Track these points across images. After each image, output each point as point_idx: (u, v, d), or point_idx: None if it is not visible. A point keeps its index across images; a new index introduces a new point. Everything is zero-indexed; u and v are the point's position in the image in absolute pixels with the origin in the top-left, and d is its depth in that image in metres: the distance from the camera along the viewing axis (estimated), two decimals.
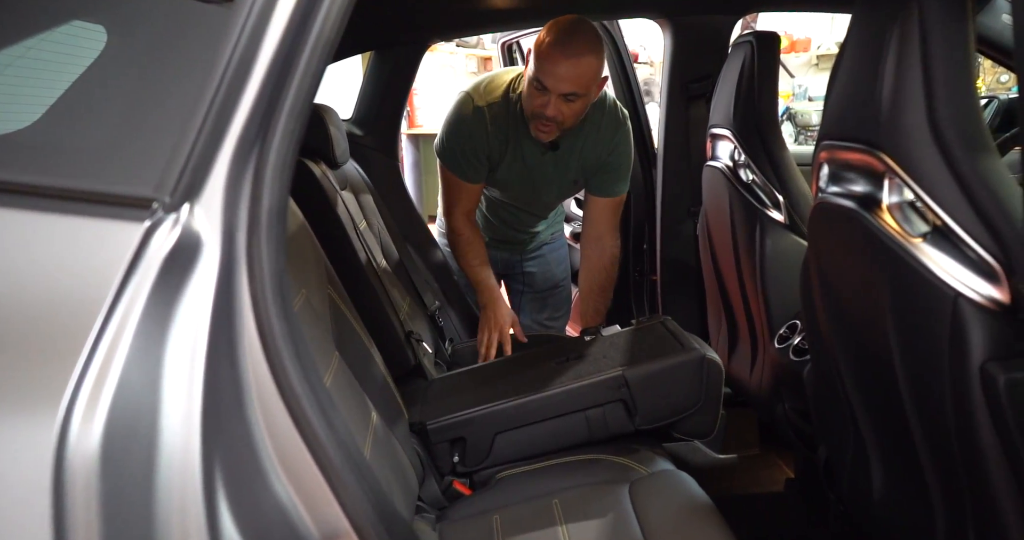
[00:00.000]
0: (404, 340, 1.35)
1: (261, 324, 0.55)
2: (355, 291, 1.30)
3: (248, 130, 0.56)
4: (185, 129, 0.53)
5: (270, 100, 0.57)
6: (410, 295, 1.64)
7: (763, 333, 1.40)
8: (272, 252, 0.57)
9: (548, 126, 1.41)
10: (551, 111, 1.37)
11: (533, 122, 1.43)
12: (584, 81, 1.36)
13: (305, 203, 1.25)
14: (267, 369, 0.55)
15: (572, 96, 1.36)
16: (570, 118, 1.41)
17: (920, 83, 0.72)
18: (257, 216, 0.56)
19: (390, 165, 1.79)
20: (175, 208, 0.52)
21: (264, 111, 0.57)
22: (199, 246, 0.53)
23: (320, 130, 1.32)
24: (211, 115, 0.54)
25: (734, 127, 1.40)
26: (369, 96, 1.76)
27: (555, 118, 1.38)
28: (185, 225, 0.52)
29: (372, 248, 1.45)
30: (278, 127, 0.57)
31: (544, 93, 1.36)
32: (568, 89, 1.35)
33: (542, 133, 1.44)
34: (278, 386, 0.55)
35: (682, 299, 1.91)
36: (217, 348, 0.52)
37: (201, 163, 0.54)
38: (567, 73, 1.33)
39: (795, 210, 1.32)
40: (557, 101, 1.36)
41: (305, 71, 0.59)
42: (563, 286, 2.01)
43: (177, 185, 0.52)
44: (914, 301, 0.76)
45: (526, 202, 1.72)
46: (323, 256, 1.03)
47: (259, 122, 0.57)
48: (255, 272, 0.56)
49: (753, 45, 1.33)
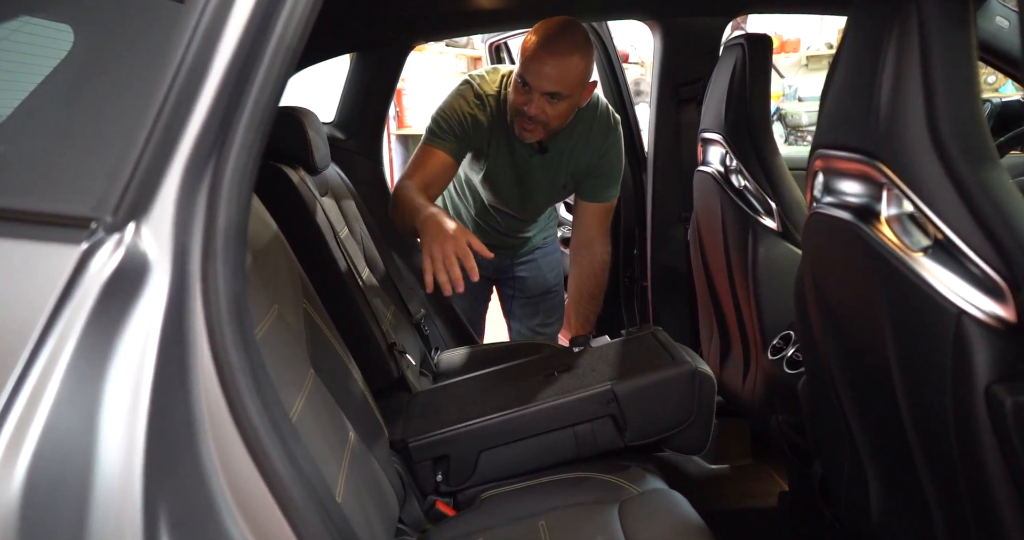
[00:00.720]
0: (387, 352, 1.30)
1: (217, 353, 0.51)
2: (335, 302, 1.25)
3: (202, 142, 0.52)
4: (130, 140, 0.48)
5: (227, 109, 0.52)
6: (395, 304, 1.59)
7: (756, 343, 1.37)
8: (230, 274, 0.52)
9: (531, 126, 1.38)
10: (532, 110, 1.34)
11: (516, 120, 1.41)
12: (568, 81, 1.32)
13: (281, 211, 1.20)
14: (223, 402, 0.50)
15: (555, 96, 1.33)
16: (554, 119, 1.38)
17: (920, 90, 0.68)
18: (213, 235, 0.52)
19: (374, 169, 1.75)
20: (118, 228, 0.48)
21: (220, 121, 0.52)
22: (146, 269, 0.49)
23: (298, 135, 1.28)
24: (159, 125, 0.50)
25: (725, 131, 1.36)
26: (351, 99, 1.71)
27: (537, 117, 1.35)
28: (130, 247, 0.48)
29: (354, 256, 1.40)
30: (236, 138, 0.53)
31: (527, 91, 1.33)
32: (551, 88, 1.31)
33: (525, 132, 1.41)
34: (235, 421, 0.50)
35: (673, 305, 1.88)
36: (166, 382, 0.48)
37: (148, 178, 0.49)
38: (551, 72, 1.30)
39: (788, 217, 1.28)
40: (540, 100, 1.33)
41: (266, 78, 0.54)
42: (556, 292, 1.98)
43: (120, 202, 0.48)
44: (914, 318, 0.72)
45: (515, 206, 1.69)
46: (299, 268, 0.99)
47: (215, 133, 0.52)
48: (211, 297, 0.51)
49: (744, 47, 1.29)
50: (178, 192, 0.50)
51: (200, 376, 0.49)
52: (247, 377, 0.51)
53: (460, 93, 1.49)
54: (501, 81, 1.50)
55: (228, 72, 0.52)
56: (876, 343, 0.79)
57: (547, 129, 1.41)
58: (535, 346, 1.74)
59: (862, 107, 0.76)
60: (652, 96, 1.72)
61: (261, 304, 0.85)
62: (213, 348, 0.51)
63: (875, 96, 0.73)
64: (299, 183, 1.23)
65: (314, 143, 1.31)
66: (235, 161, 0.53)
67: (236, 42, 0.52)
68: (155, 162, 0.49)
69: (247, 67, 0.53)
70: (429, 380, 1.65)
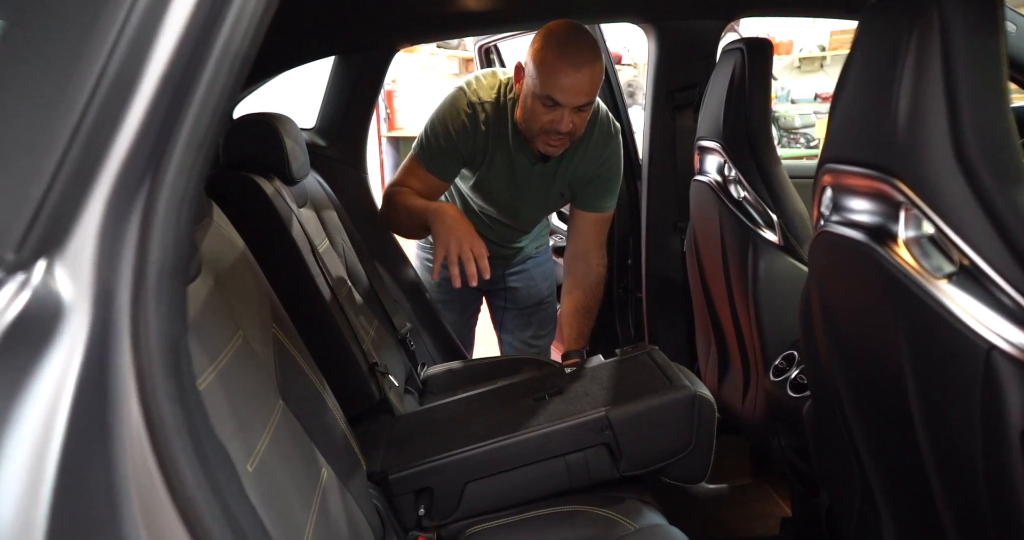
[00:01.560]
0: (368, 373, 1.23)
1: (148, 408, 0.44)
2: (312, 322, 1.18)
3: (132, 163, 0.44)
4: (37, 163, 0.41)
5: (163, 125, 0.45)
6: (378, 318, 1.52)
7: (756, 361, 1.31)
8: (166, 316, 0.45)
9: (561, 140, 1.34)
10: (566, 126, 1.29)
11: (541, 137, 1.34)
12: (595, 89, 1.29)
13: (254, 226, 1.13)
14: (156, 470, 0.43)
15: (585, 106, 1.29)
16: (580, 127, 1.34)
17: (942, 101, 0.63)
18: (145, 272, 0.44)
19: (357, 178, 1.67)
20: (23, 267, 0.40)
21: (154, 139, 0.45)
22: (59, 314, 0.41)
23: (273, 143, 1.21)
24: (77, 144, 0.42)
25: (723, 140, 1.30)
26: (333, 104, 1.64)
27: (570, 132, 1.31)
28: (38, 288, 0.41)
29: (334, 271, 1.33)
30: (173, 159, 0.46)
31: (555, 109, 1.28)
32: (583, 101, 1.27)
33: (552, 147, 1.36)
34: (170, 491, 0.43)
35: (668, 317, 1.82)
36: (81, 444, 0.41)
37: (63, 207, 0.42)
38: (580, 85, 1.25)
39: (790, 230, 1.22)
40: (570, 114, 1.28)
41: (210, 89, 0.47)
42: (548, 303, 1.91)
43: (26, 237, 0.41)
44: (938, 350, 0.66)
45: (509, 215, 1.62)
46: (268, 289, 0.92)
47: (147, 153, 0.45)
48: (142, 344, 0.44)
49: (744, 52, 1.23)
50: (101, 223, 0.43)
51: (126, 439, 0.42)
52: (185, 437, 0.44)
53: (452, 102, 1.43)
54: (499, 87, 1.43)
55: (164, 81, 0.45)
56: (892, 373, 0.73)
57: (572, 139, 1.37)
58: (526, 361, 1.67)
59: (877, 119, 0.70)
60: (647, 101, 1.66)
61: (224, 330, 0.78)
62: (144, 405, 0.43)
63: (892, 107, 0.67)
64: (273, 195, 1.16)
65: (291, 151, 1.23)
66: (172, 185, 0.46)
67: (174, 46, 0.45)
68: (72, 188, 0.42)
69: (188, 76, 0.46)
70: (414, 397, 1.58)
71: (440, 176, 1.45)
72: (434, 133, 1.42)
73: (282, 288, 1.15)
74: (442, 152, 1.42)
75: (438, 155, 1.42)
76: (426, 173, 1.43)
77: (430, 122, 1.44)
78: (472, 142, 1.43)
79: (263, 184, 1.15)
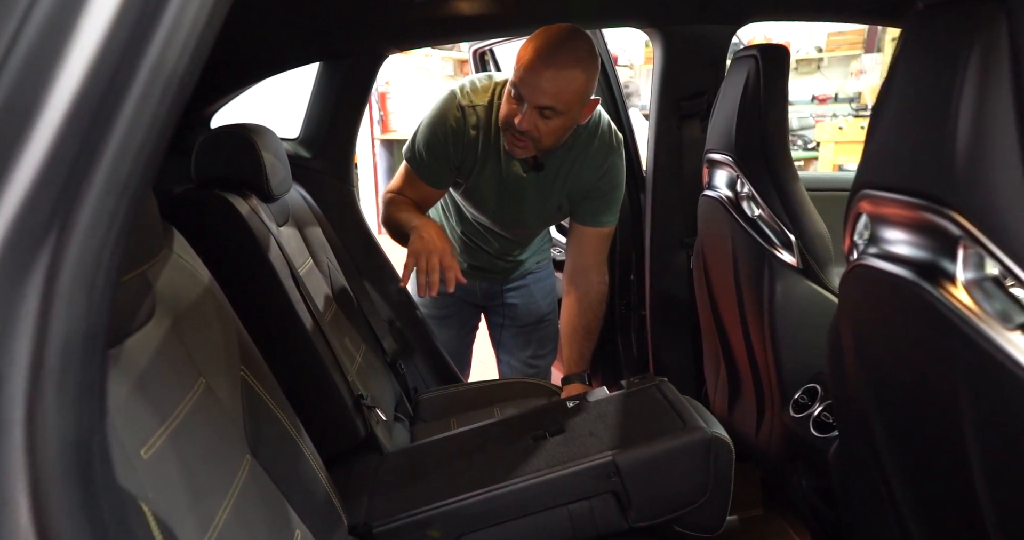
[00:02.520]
0: (352, 408, 1.14)
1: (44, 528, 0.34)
2: (291, 354, 1.08)
3: (29, 217, 0.35)
4: None
5: (73, 167, 0.36)
6: (366, 342, 1.43)
7: (772, 392, 1.22)
8: (72, 405, 0.36)
9: (521, 141, 1.25)
10: (524, 124, 1.21)
11: (506, 133, 1.28)
12: (565, 97, 1.18)
13: (227, 250, 1.03)
14: None
15: (549, 111, 1.20)
16: (546, 137, 1.24)
17: (1012, 121, 0.54)
18: (44, 352, 0.35)
19: (343, 191, 1.58)
20: None
21: (62, 185, 0.35)
22: None
23: (250, 158, 1.11)
24: None
25: (736, 154, 1.21)
26: (318, 113, 1.54)
27: (528, 133, 1.22)
28: None
29: (316, 294, 1.23)
30: (86, 209, 0.36)
31: (519, 103, 1.20)
32: (545, 102, 1.18)
33: (516, 148, 1.28)
34: None
35: (673, 337, 1.72)
36: None
37: None
38: (547, 85, 1.16)
39: (810, 252, 1.13)
40: (532, 114, 1.20)
41: (135, 120, 0.37)
42: (549, 320, 1.81)
43: None
44: (1005, 405, 0.57)
45: (506, 226, 1.53)
46: (237, 327, 0.82)
47: (51, 203, 0.35)
48: (38, 442, 0.34)
49: (758, 60, 1.14)
50: None
51: None
52: None
53: (443, 106, 1.36)
54: (494, 90, 1.35)
55: (73, 110, 0.35)
56: (943, 418, 0.64)
57: (539, 146, 1.27)
58: (524, 385, 1.58)
59: (929, 142, 0.61)
60: (652, 110, 1.57)
61: (182, 380, 0.68)
62: (38, 523, 0.34)
63: (949, 129, 0.57)
64: (249, 214, 1.06)
65: (270, 166, 1.14)
66: (86, 240, 0.36)
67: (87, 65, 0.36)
68: None
69: (107, 103, 0.36)
70: (405, 426, 1.48)
71: (433, 184, 1.40)
72: (424, 139, 1.36)
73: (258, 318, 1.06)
74: (434, 159, 1.36)
75: (429, 162, 1.37)
76: (419, 181, 1.39)
77: (421, 127, 1.38)
78: (463, 147, 1.35)
79: (238, 203, 1.05)
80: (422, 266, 1.20)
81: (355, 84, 1.48)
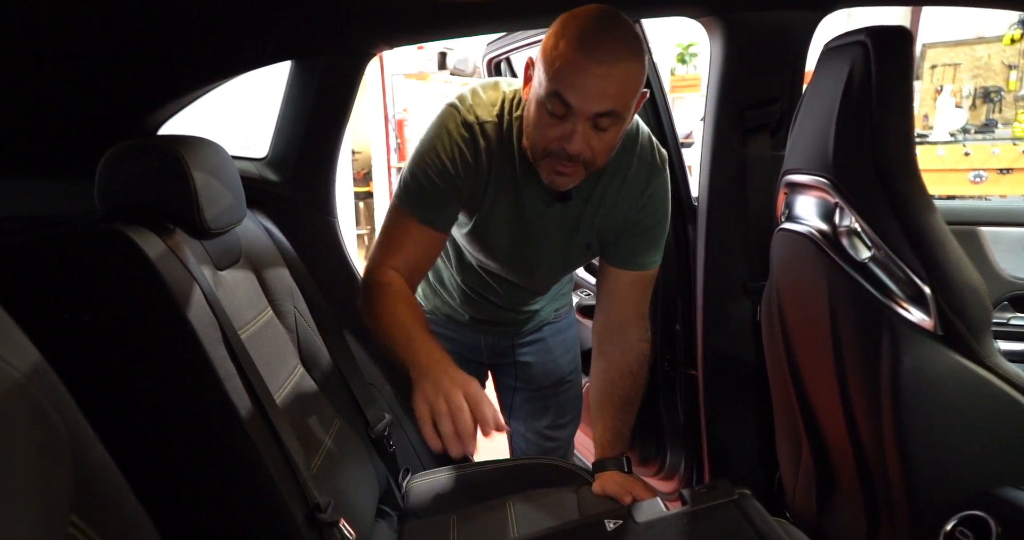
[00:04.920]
0: (304, 525, 0.81)
1: None
2: (209, 457, 0.77)
3: None
4: None
5: None
6: (342, 415, 1.11)
7: (896, 508, 0.86)
8: None
9: (570, 167, 0.93)
10: (577, 145, 0.89)
11: (546, 161, 0.95)
12: (626, 96, 0.88)
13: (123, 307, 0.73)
14: None
15: (607, 118, 0.88)
16: (601, 154, 0.93)
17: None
18: None
19: (322, 222, 1.27)
20: None
21: None
22: None
23: (173, 180, 0.82)
24: None
25: (835, 174, 0.89)
26: (289, 128, 1.24)
27: (581, 155, 0.91)
28: None
29: (269, 359, 0.92)
30: None
31: (565, 119, 0.88)
32: (605, 106, 0.87)
33: (561, 177, 0.96)
34: None
35: (734, 405, 1.37)
36: None
37: None
38: (605, 85, 0.85)
39: (956, 311, 0.79)
40: (586, 129, 0.88)
41: None
42: (571, 381, 1.48)
43: None
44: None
45: (518, 272, 1.21)
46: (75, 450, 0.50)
47: None
48: None
49: (868, 47, 0.82)
50: None
51: None
52: None
53: (442, 125, 1.03)
54: (502, 103, 1.05)
55: None
56: None
57: (590, 169, 0.96)
58: (545, 469, 1.24)
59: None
60: (706, 123, 1.25)
61: None
62: None
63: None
64: (160, 257, 0.76)
65: (202, 191, 0.84)
66: None
67: None
68: None
69: None
70: (391, 525, 1.15)
71: (437, 226, 1.05)
72: (424, 168, 1.02)
73: (168, 402, 0.75)
74: (437, 191, 1.02)
75: (432, 198, 1.03)
76: (418, 226, 1.03)
77: (417, 155, 1.04)
78: (469, 176, 1.03)
79: (146, 242, 0.75)
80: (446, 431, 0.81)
81: (334, 89, 1.18)
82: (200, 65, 1.06)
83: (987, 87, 4.62)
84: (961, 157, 3.99)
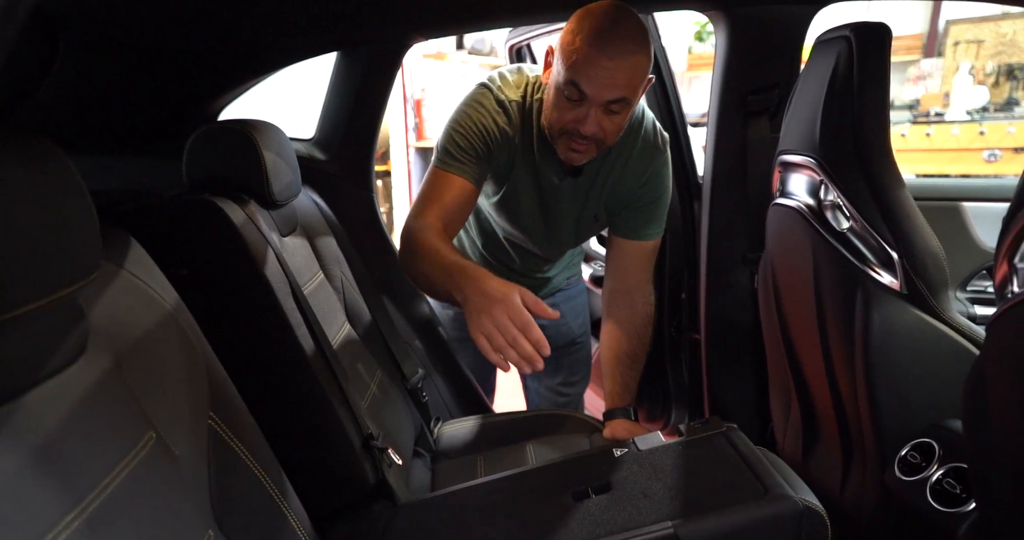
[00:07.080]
0: (361, 451, 0.96)
1: None
2: (286, 389, 0.92)
3: None
4: None
5: None
6: (382, 367, 1.26)
7: (865, 444, 1.00)
8: None
9: (584, 145, 1.07)
10: (590, 127, 1.03)
11: (563, 139, 1.09)
12: (633, 84, 1.01)
13: (213, 265, 0.88)
14: None
15: (618, 104, 1.02)
16: (611, 134, 1.07)
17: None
18: None
19: (362, 197, 1.42)
20: None
21: None
22: None
23: (248, 158, 0.96)
24: None
25: (820, 155, 1.01)
26: (335, 111, 1.39)
27: (594, 135, 1.05)
28: None
29: (325, 314, 1.07)
30: None
31: (580, 104, 1.02)
32: (616, 94, 1.00)
33: (576, 154, 1.09)
34: None
35: (733, 366, 1.51)
36: None
37: None
38: (617, 76, 0.99)
39: (919, 274, 0.92)
40: (598, 113, 1.02)
41: None
42: (581, 343, 1.62)
43: None
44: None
45: (537, 241, 1.35)
46: (207, 364, 0.66)
47: None
48: None
49: (851, 41, 0.94)
50: None
51: None
52: None
53: (477, 100, 1.16)
54: (526, 86, 1.18)
55: None
56: None
57: (601, 147, 1.10)
58: (561, 419, 1.39)
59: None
60: (711, 107, 1.37)
61: (120, 434, 0.52)
62: None
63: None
64: (243, 223, 0.90)
65: (271, 168, 0.99)
66: None
67: None
68: None
69: None
70: (425, 462, 1.31)
71: (471, 178, 1.13)
72: (459, 132, 1.13)
73: (250, 346, 0.90)
74: (471, 150, 1.13)
75: (466, 155, 1.13)
76: (454, 178, 1.12)
77: (452, 123, 1.15)
78: (501, 147, 1.16)
79: (230, 210, 0.90)
80: (499, 342, 0.81)
81: (375, 77, 1.32)
82: (259, 57, 1.19)
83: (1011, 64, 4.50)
84: (976, 136, 3.93)
